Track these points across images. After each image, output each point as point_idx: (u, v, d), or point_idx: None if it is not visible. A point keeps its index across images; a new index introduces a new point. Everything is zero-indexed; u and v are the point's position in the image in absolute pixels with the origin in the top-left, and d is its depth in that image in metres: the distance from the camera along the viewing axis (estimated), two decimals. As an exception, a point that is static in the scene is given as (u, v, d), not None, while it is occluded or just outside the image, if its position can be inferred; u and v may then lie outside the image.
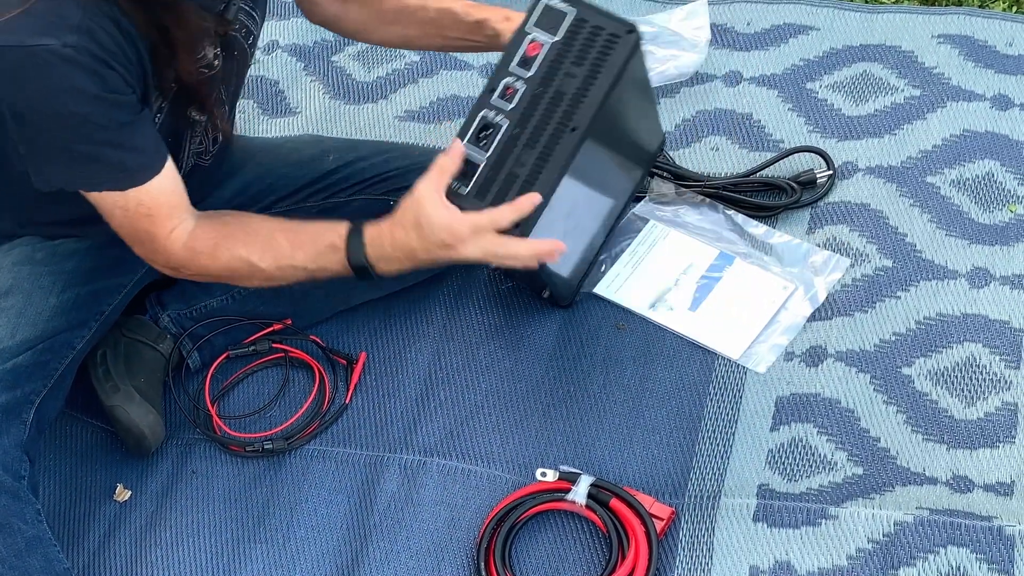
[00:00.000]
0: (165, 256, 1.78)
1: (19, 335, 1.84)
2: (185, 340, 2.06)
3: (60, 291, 1.89)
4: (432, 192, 1.68)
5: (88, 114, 1.60)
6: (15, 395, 1.81)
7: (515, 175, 1.72)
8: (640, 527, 1.81)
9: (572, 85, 1.73)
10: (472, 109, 1.76)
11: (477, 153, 1.73)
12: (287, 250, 1.77)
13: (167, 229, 1.75)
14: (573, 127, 1.72)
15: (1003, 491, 1.79)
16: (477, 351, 2.07)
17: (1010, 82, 2.24)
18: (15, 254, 1.91)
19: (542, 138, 1.73)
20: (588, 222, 2.03)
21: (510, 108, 1.74)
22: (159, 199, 1.72)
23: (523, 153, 1.72)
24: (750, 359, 1.98)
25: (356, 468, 1.97)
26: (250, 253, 1.77)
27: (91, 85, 1.58)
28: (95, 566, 1.93)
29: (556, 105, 1.73)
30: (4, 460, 1.77)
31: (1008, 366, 1.91)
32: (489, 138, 1.73)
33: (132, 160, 1.67)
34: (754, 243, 2.11)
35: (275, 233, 1.78)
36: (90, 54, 1.56)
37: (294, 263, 1.77)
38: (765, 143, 2.25)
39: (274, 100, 2.47)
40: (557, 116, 1.73)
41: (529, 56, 1.75)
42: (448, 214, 1.68)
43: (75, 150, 1.65)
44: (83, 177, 1.69)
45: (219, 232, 1.78)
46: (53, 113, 1.60)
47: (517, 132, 1.73)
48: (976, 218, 2.08)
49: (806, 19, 2.41)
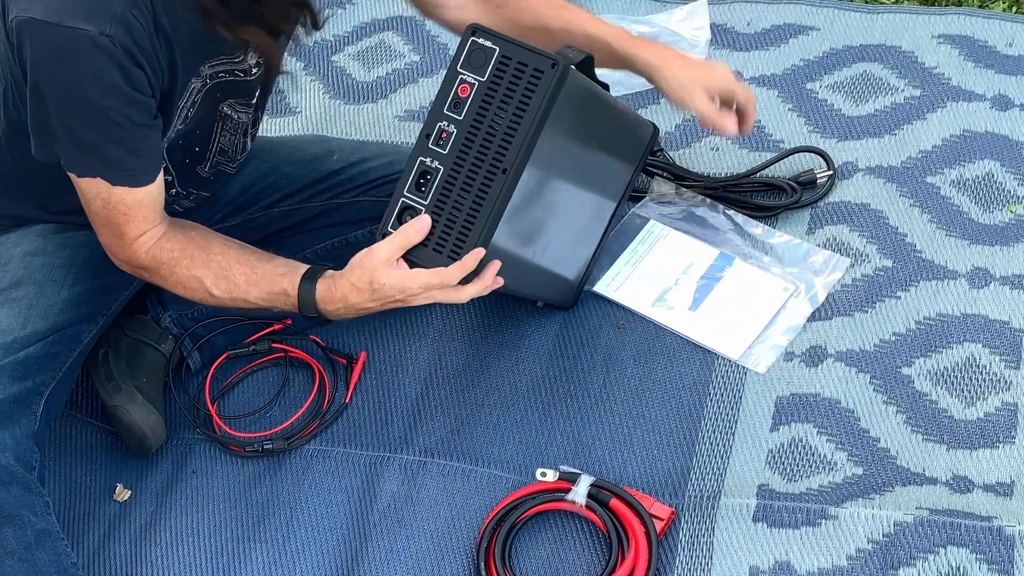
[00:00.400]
0: (127, 256, 1.80)
1: (30, 326, 1.85)
2: (186, 340, 2.07)
3: (72, 284, 1.90)
4: (388, 257, 1.73)
5: (107, 107, 1.62)
6: (26, 385, 1.81)
7: (453, 219, 1.74)
8: (640, 527, 1.81)
9: (502, 125, 1.73)
10: (411, 156, 1.78)
11: (417, 201, 1.76)
12: (242, 284, 1.81)
13: (138, 232, 1.78)
14: (504, 168, 1.73)
15: (1003, 491, 1.79)
16: (477, 351, 2.07)
17: (1010, 82, 2.24)
18: (26, 244, 1.91)
19: (475, 182, 1.74)
20: (583, 223, 2.03)
21: (444, 153, 1.75)
22: (141, 204, 1.74)
23: (460, 197, 1.74)
24: (750, 359, 1.98)
25: (356, 468, 1.97)
26: (205, 276, 1.80)
27: (117, 79, 1.60)
28: (95, 565, 1.93)
29: (487, 147, 1.74)
30: (17, 450, 1.77)
31: (1008, 366, 1.91)
32: (427, 185, 1.76)
33: (132, 162, 1.69)
34: (754, 243, 2.11)
35: (233, 265, 1.81)
36: (123, 47, 1.58)
37: (247, 298, 1.82)
38: (765, 143, 2.25)
39: (274, 100, 2.47)
40: (488, 159, 1.74)
41: (460, 97, 1.75)
42: (400, 275, 1.73)
43: (83, 137, 1.66)
44: (81, 162, 1.70)
45: (183, 249, 1.81)
46: (74, 98, 1.62)
47: (452, 177, 1.75)
48: (976, 218, 2.08)
49: (806, 19, 2.41)
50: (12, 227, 1.94)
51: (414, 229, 1.74)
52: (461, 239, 1.73)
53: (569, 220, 1.98)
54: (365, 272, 1.74)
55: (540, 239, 1.89)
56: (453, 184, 1.74)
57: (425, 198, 1.75)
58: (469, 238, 1.73)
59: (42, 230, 1.93)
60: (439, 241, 1.74)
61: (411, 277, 1.73)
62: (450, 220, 1.74)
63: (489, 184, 1.73)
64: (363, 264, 1.75)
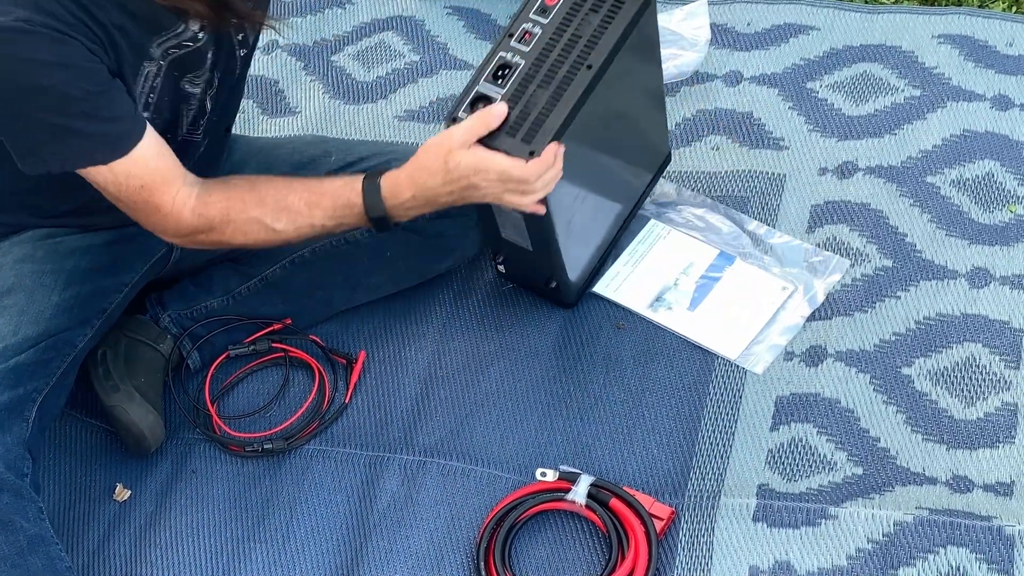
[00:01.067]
0: (175, 225, 1.76)
1: (21, 333, 1.84)
2: (185, 340, 2.06)
3: (62, 289, 1.89)
4: (465, 139, 1.71)
5: (53, 85, 1.59)
6: (17, 393, 1.80)
7: (527, 112, 1.75)
8: (640, 527, 1.80)
9: (588, 29, 1.80)
10: (490, 52, 1.81)
11: (493, 90, 1.78)
12: (303, 210, 1.77)
13: (168, 197, 1.73)
14: (588, 65, 1.78)
15: (1003, 491, 1.79)
16: (477, 351, 2.07)
17: (1010, 82, 2.24)
18: (16, 252, 1.91)
19: (557, 76, 1.78)
20: (595, 224, 2.04)
21: (526, 50, 1.80)
22: (148, 167, 1.70)
23: (538, 91, 1.77)
24: (748, 359, 1.98)
25: (356, 468, 1.97)
26: (263, 215, 1.77)
27: (50, 55, 1.57)
28: (95, 565, 1.93)
29: (572, 46, 1.79)
30: (7, 458, 1.76)
31: (1008, 366, 1.91)
32: (506, 77, 1.78)
33: (110, 129, 1.65)
34: (754, 243, 2.11)
35: (287, 195, 1.78)
36: (44, 25, 1.55)
37: (312, 222, 1.78)
38: (765, 141, 2.25)
39: (274, 100, 2.47)
40: (573, 56, 1.79)
41: (548, 5, 1.82)
42: (477, 156, 1.71)
43: (50, 124, 1.63)
44: (63, 154, 1.67)
45: (228, 197, 1.77)
46: (18, 89, 1.59)
47: (533, 71, 1.78)
48: (976, 218, 2.08)
49: (806, 19, 2.41)
50: (5, 235, 1.93)
51: (492, 114, 1.72)
52: (537, 125, 1.74)
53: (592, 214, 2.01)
54: (441, 152, 1.72)
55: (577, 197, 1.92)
56: (533, 77, 1.78)
57: (502, 87, 1.77)
58: (546, 126, 1.74)
59: (32, 236, 1.92)
60: (514, 125, 1.75)
61: (488, 159, 1.71)
62: (527, 109, 1.76)
63: (572, 78, 1.77)
64: (439, 145, 1.72)
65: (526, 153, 1.72)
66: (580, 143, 1.82)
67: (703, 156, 2.25)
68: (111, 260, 1.94)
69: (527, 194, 1.74)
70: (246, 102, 2.45)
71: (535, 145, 1.73)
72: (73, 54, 1.59)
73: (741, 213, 2.15)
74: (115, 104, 1.66)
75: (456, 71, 2.45)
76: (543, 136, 1.73)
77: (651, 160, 2.14)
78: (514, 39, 1.81)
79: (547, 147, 1.72)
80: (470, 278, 2.15)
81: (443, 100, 2.41)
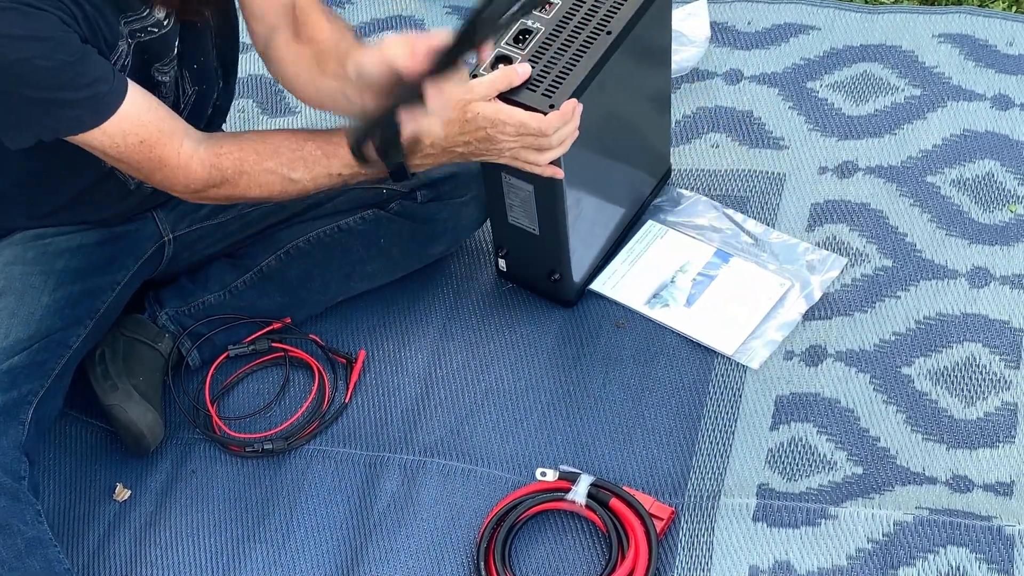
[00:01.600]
0: (185, 178, 1.73)
1: (13, 336, 1.83)
2: (184, 339, 2.06)
3: (52, 290, 1.88)
4: (486, 93, 1.72)
5: (28, 58, 1.57)
6: (12, 396, 1.80)
7: (548, 70, 1.78)
8: (640, 527, 1.80)
9: (607, 1, 1.84)
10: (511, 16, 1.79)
11: (514, 51, 1.81)
12: (321, 158, 1.75)
13: (172, 150, 1.71)
14: (609, 31, 1.81)
15: (1003, 491, 1.79)
16: (477, 350, 2.07)
17: (1010, 82, 2.24)
18: (6, 255, 1.90)
19: (577, 40, 1.81)
20: (600, 226, 2.05)
21: (547, 18, 1.83)
22: (142, 122, 1.68)
23: (558, 53, 1.80)
24: (744, 355, 1.98)
25: (356, 468, 1.97)
26: (279, 166, 1.75)
27: (21, 29, 1.55)
28: (95, 565, 1.93)
29: (592, 14, 1.83)
30: (3, 461, 1.76)
31: (1008, 366, 1.91)
32: (527, 41, 1.81)
33: (91, 93, 1.63)
34: (752, 241, 2.11)
35: (303, 144, 1.76)
36: (15, 0, 1.53)
37: (330, 171, 1.76)
38: (765, 140, 2.25)
39: (274, 100, 2.46)
40: (593, 23, 1.82)
41: None
42: (496, 108, 1.72)
43: (30, 97, 1.61)
44: (50, 124, 1.65)
45: (241, 148, 1.75)
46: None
47: (554, 35, 1.81)
48: (976, 218, 2.08)
49: (806, 19, 2.41)
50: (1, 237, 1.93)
51: (516, 72, 1.74)
52: (558, 82, 1.77)
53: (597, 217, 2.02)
54: (460, 102, 1.71)
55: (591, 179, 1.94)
56: (554, 40, 1.81)
57: (523, 49, 1.81)
58: (566, 82, 1.77)
59: (22, 238, 1.91)
60: (534, 81, 1.77)
61: (507, 111, 1.72)
62: (547, 67, 1.78)
63: (592, 42, 1.80)
64: (459, 95, 1.71)
65: (546, 106, 1.75)
66: (587, 144, 1.82)
67: (703, 154, 2.25)
68: (102, 259, 1.94)
69: (543, 150, 1.75)
70: (246, 102, 2.45)
71: (555, 100, 1.75)
72: (45, 27, 1.57)
73: (739, 212, 2.15)
74: (92, 68, 1.63)
75: (456, 70, 2.45)
76: (563, 92, 1.76)
77: (654, 167, 2.15)
78: (536, 8, 1.83)
79: (566, 102, 1.74)
80: (470, 278, 2.15)
81: (443, 99, 2.41)
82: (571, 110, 1.74)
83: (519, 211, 1.94)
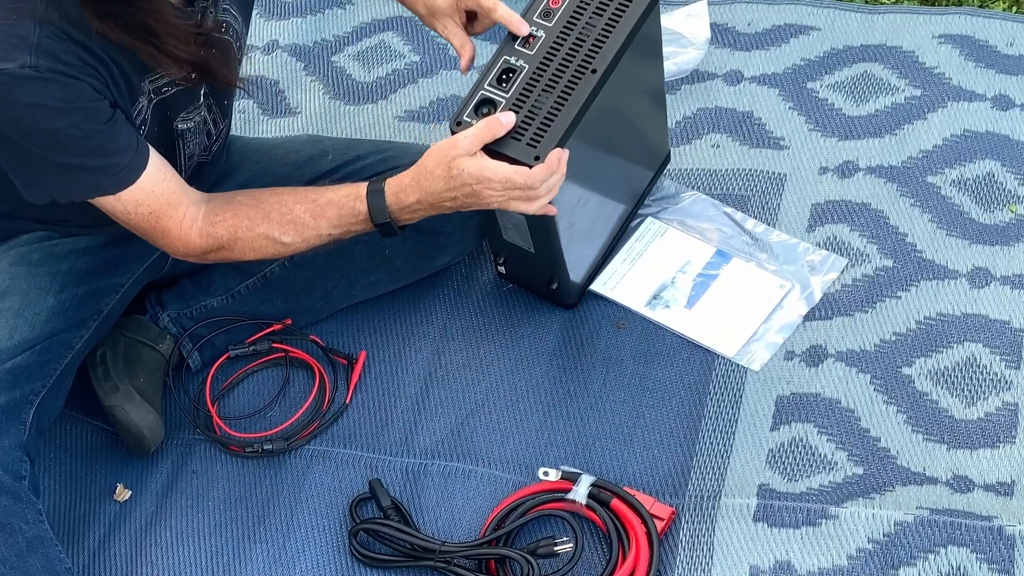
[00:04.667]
0: (184, 247, 1.80)
1: (17, 336, 1.84)
2: (185, 340, 2.06)
3: (57, 291, 1.89)
4: (470, 147, 1.72)
5: (60, 129, 1.61)
6: (14, 396, 1.80)
7: (533, 116, 1.76)
8: (641, 527, 1.80)
9: (592, 33, 1.80)
10: (494, 55, 1.80)
11: (498, 94, 1.78)
12: (310, 222, 1.79)
13: (175, 221, 1.76)
14: (593, 69, 1.78)
15: (1003, 491, 1.79)
16: (477, 350, 2.07)
17: (1011, 82, 2.24)
18: (12, 255, 1.91)
19: (562, 81, 1.77)
20: (596, 225, 2.04)
21: (531, 54, 1.79)
22: (155, 194, 1.73)
23: (543, 95, 1.76)
24: (745, 357, 1.98)
25: (356, 469, 1.97)
26: (271, 230, 1.79)
27: (58, 100, 1.59)
28: (95, 566, 1.93)
29: (577, 50, 1.79)
30: (4, 461, 1.76)
31: (1008, 366, 1.91)
32: (510, 81, 1.78)
33: (114, 163, 1.68)
34: (752, 241, 2.11)
35: (292, 207, 1.80)
36: (52, 71, 1.57)
37: (319, 232, 1.81)
38: (766, 140, 2.25)
39: (274, 100, 2.47)
40: (577, 60, 1.78)
41: (552, 7, 1.82)
42: (481, 164, 1.71)
43: (56, 163, 1.66)
44: (69, 188, 1.70)
45: (235, 215, 1.79)
46: (25, 132, 1.61)
47: (537, 75, 1.78)
48: (977, 218, 2.08)
49: (807, 19, 2.41)
50: (1, 239, 1.93)
51: (500, 123, 1.73)
52: (543, 129, 1.74)
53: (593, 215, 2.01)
54: (445, 158, 1.72)
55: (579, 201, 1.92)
56: (537, 81, 1.78)
57: (507, 92, 1.77)
58: (552, 129, 1.74)
59: (28, 239, 1.92)
60: (519, 129, 1.75)
61: (492, 168, 1.71)
62: (532, 113, 1.76)
63: (576, 83, 1.77)
64: (443, 151, 1.73)
65: (531, 158, 1.72)
66: (583, 142, 1.82)
67: (703, 154, 2.25)
68: (107, 261, 1.95)
69: (532, 200, 1.75)
70: (246, 102, 2.46)
71: (540, 150, 1.73)
72: (79, 96, 1.61)
73: (739, 211, 2.15)
74: (118, 137, 1.68)
75: (456, 71, 2.45)
76: (548, 141, 1.73)
77: (651, 159, 2.14)
78: (518, 43, 1.80)
79: (551, 152, 1.72)
80: (470, 278, 2.15)
81: (443, 100, 2.41)
82: (557, 161, 1.73)
83: (513, 233, 1.94)
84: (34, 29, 1.56)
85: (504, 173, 1.71)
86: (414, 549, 1.84)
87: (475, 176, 1.71)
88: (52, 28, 1.57)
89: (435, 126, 2.37)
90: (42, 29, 1.56)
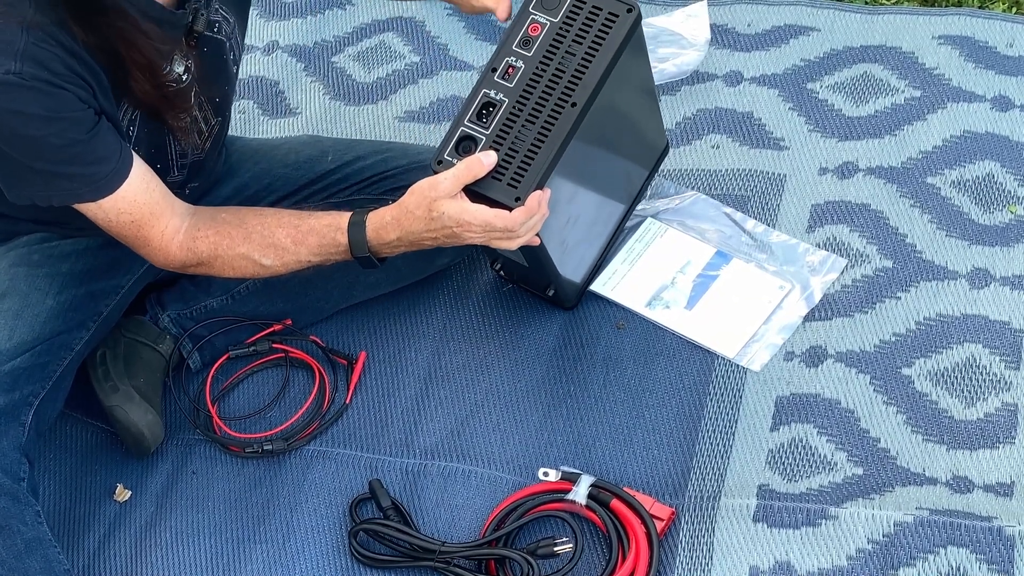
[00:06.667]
0: (164, 258, 1.80)
1: (16, 337, 1.84)
2: (185, 341, 2.06)
3: (57, 292, 1.89)
4: (451, 189, 1.71)
5: (42, 136, 1.61)
6: (13, 397, 1.80)
7: (516, 150, 1.74)
8: (640, 527, 1.80)
9: (572, 63, 1.77)
10: (474, 88, 1.79)
11: (478, 131, 1.76)
12: (290, 247, 1.80)
13: (157, 231, 1.77)
14: (573, 103, 1.75)
15: (1003, 491, 1.79)
16: (477, 351, 2.07)
17: (1010, 83, 2.24)
18: (11, 256, 1.91)
19: (542, 115, 1.75)
20: (595, 226, 2.04)
21: (510, 87, 1.77)
22: (137, 203, 1.73)
23: (523, 131, 1.75)
24: (745, 358, 1.98)
25: (356, 469, 1.97)
26: (251, 251, 1.80)
27: (41, 108, 1.59)
28: (95, 566, 1.93)
29: (556, 83, 1.77)
30: (3, 462, 1.76)
31: (1008, 367, 1.91)
32: (490, 116, 1.76)
33: (96, 171, 1.68)
34: (752, 242, 2.11)
35: (274, 231, 1.80)
36: (36, 78, 1.57)
37: (299, 258, 1.81)
38: (766, 141, 2.25)
39: (274, 100, 2.47)
40: (557, 93, 1.76)
41: (531, 36, 1.79)
42: (461, 208, 1.71)
43: (38, 169, 1.66)
44: (48, 193, 1.70)
45: (218, 232, 1.80)
46: (5, 137, 1.61)
47: (518, 109, 1.76)
48: (976, 219, 2.08)
49: (806, 20, 2.41)
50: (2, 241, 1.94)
51: (481, 163, 1.72)
52: (523, 168, 1.73)
53: (590, 214, 2.00)
54: (425, 199, 1.72)
55: (574, 205, 1.91)
56: (518, 116, 1.76)
57: (487, 128, 1.76)
58: (532, 168, 1.73)
59: (28, 240, 1.92)
60: (499, 169, 1.74)
61: (472, 212, 1.71)
62: (512, 150, 1.74)
63: (556, 117, 1.75)
64: (424, 192, 1.72)
65: (512, 199, 1.72)
66: (579, 143, 1.81)
67: (703, 154, 2.25)
68: (106, 263, 1.95)
69: (512, 239, 1.75)
70: (246, 102, 2.46)
71: (521, 191, 1.72)
72: (63, 106, 1.61)
73: (739, 212, 2.15)
74: (101, 146, 1.67)
75: (456, 72, 2.45)
76: (529, 181, 1.73)
77: (648, 156, 2.13)
78: (497, 74, 1.78)
79: (531, 196, 1.72)
80: (470, 278, 2.15)
81: (443, 101, 2.41)
82: (537, 204, 1.73)
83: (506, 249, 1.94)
84: (21, 35, 1.56)
85: (484, 217, 1.71)
86: (414, 549, 1.84)
87: (455, 219, 1.71)
88: (40, 34, 1.57)
89: (435, 126, 2.37)
90: (29, 35, 1.56)
